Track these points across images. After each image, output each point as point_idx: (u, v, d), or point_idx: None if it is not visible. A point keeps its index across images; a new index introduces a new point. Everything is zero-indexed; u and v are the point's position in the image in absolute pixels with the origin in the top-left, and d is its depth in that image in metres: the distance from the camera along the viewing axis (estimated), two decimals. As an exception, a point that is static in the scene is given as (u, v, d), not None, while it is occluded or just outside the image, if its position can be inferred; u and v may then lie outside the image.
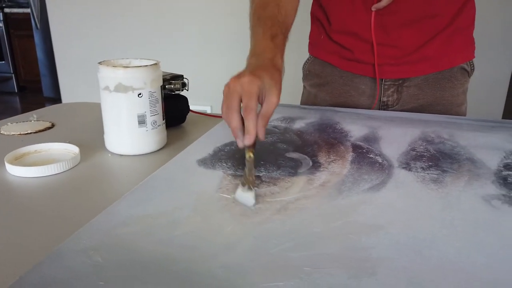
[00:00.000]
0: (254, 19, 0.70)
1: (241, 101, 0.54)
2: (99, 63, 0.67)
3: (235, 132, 0.54)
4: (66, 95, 3.30)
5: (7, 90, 4.64)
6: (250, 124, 0.53)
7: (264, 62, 0.61)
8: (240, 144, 0.55)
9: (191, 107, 0.89)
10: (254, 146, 0.54)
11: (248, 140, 0.53)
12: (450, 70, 0.88)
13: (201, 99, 2.29)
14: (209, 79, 2.33)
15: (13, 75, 4.59)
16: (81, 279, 0.34)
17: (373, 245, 0.39)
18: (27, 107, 4.06)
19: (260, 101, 0.56)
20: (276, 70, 0.60)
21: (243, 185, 0.50)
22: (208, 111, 2.69)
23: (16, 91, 4.65)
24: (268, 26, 0.67)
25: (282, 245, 0.39)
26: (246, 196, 0.49)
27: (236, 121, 0.54)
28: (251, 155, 0.54)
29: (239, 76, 0.56)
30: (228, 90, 0.55)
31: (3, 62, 4.53)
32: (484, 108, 2.49)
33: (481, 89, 2.45)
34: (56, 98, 4.12)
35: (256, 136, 0.54)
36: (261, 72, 0.57)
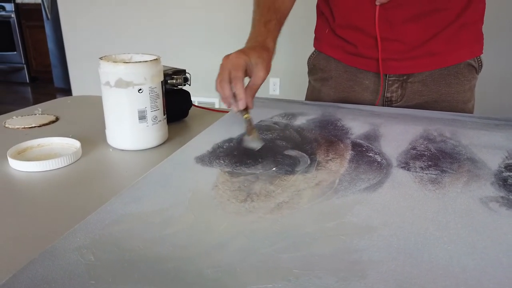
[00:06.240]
0: (255, 6, 0.78)
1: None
2: (100, 58, 0.67)
3: (227, 100, 0.65)
4: (76, 86, 3.33)
5: (19, 80, 4.70)
6: (238, 90, 0.63)
7: (255, 44, 0.71)
8: (235, 109, 0.65)
9: (198, 99, 0.90)
10: (247, 109, 0.66)
11: (241, 104, 0.64)
12: (457, 66, 0.86)
13: (210, 90, 2.29)
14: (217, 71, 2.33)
15: (24, 65, 4.64)
16: (73, 279, 0.35)
17: (364, 247, 0.39)
18: (38, 98, 4.11)
19: (249, 75, 0.66)
20: (264, 50, 0.69)
21: (248, 135, 0.63)
22: (216, 102, 2.70)
23: (27, 81, 4.71)
24: (264, 13, 0.76)
25: (274, 245, 0.39)
26: (253, 140, 0.62)
27: (227, 91, 0.64)
28: (247, 115, 0.65)
29: (229, 54, 0.66)
30: (221, 67, 0.65)
31: (15, 52, 4.58)
32: (494, 106, 2.44)
33: (491, 86, 2.41)
34: (66, 89, 4.16)
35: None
36: (249, 50, 0.67)
